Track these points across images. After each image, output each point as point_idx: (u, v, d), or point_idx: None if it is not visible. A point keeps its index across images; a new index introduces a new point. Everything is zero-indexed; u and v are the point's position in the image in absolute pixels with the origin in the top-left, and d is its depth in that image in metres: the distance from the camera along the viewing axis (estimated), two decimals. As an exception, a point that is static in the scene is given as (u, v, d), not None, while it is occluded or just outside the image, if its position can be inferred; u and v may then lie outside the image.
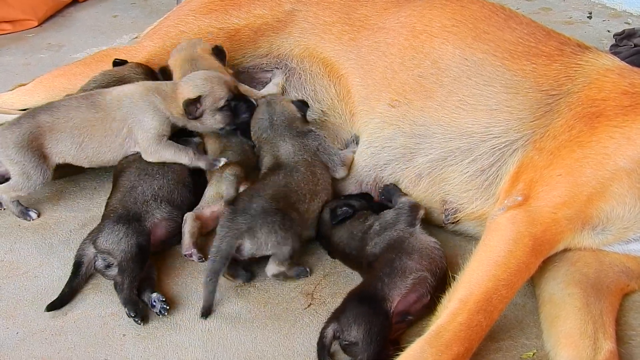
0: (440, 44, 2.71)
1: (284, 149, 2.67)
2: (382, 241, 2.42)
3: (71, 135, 2.68)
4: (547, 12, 4.86)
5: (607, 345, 2.15)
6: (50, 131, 2.67)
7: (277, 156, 2.66)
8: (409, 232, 2.44)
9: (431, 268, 2.31)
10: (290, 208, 2.50)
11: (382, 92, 2.75)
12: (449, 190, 2.60)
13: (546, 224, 2.22)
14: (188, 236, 2.55)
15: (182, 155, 2.68)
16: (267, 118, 2.74)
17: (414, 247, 2.36)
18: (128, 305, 2.31)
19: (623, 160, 2.25)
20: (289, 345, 2.26)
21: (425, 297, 2.28)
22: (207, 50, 2.94)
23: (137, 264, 2.38)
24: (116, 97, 2.71)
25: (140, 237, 2.44)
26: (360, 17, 2.94)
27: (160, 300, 2.35)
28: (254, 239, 2.40)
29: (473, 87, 2.60)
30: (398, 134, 2.68)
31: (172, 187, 2.65)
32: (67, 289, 2.40)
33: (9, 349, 2.24)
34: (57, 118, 2.68)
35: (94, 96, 2.75)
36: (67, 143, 2.69)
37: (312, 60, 2.97)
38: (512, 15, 2.77)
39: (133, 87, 2.75)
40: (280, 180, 2.56)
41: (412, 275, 2.27)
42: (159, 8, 4.89)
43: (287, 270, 2.48)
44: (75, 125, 2.69)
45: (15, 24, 4.58)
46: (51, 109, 2.71)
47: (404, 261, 2.30)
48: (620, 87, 2.42)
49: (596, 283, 2.32)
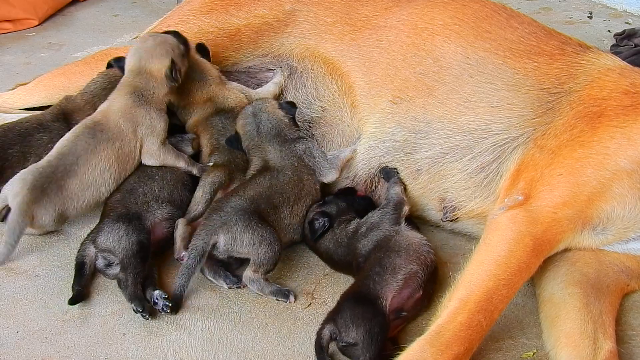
0: (442, 42, 2.71)
1: (272, 154, 2.67)
2: (370, 242, 2.43)
3: (103, 179, 2.58)
4: (547, 12, 4.87)
5: (607, 345, 2.15)
6: (80, 188, 2.56)
7: (266, 160, 2.66)
8: (395, 230, 2.44)
9: (420, 262, 2.32)
10: (270, 211, 2.49)
11: (384, 89, 2.75)
12: (448, 187, 2.60)
13: (547, 223, 2.22)
14: (179, 240, 2.54)
15: (180, 160, 2.70)
16: (254, 128, 2.73)
17: (400, 245, 2.37)
18: (135, 301, 2.31)
19: (624, 161, 2.25)
20: (289, 345, 2.25)
21: (417, 291, 2.29)
22: (192, 49, 2.94)
23: (140, 260, 2.38)
24: (116, 119, 2.64)
25: (141, 235, 2.44)
26: (361, 16, 2.94)
27: (162, 297, 2.34)
28: (228, 234, 2.39)
29: (474, 84, 2.60)
30: (399, 129, 2.68)
31: (172, 188, 2.65)
32: (78, 287, 2.39)
33: (9, 348, 2.24)
34: (83, 173, 2.55)
35: (97, 129, 2.61)
36: (105, 185, 2.60)
37: (313, 60, 2.97)
38: (514, 15, 2.77)
39: (121, 100, 2.68)
40: (265, 181, 2.56)
41: (402, 271, 2.27)
42: (160, 7, 4.89)
43: (263, 281, 2.42)
44: (102, 169, 2.58)
45: (15, 23, 4.58)
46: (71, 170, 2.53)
47: (392, 258, 2.31)
48: (622, 87, 2.43)
49: (596, 283, 2.32)
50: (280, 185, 2.56)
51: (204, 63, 2.93)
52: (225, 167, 2.70)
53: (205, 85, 2.89)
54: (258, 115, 2.76)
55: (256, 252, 2.40)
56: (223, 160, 2.73)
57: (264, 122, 2.74)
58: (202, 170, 2.70)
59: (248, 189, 2.53)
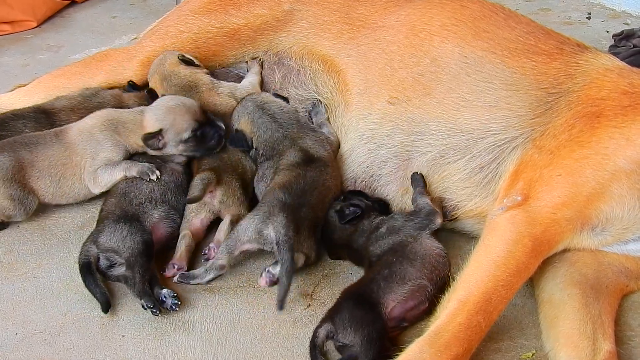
0: (439, 42, 2.71)
1: (310, 142, 2.66)
2: (386, 244, 2.40)
3: (49, 174, 2.68)
4: (546, 12, 4.86)
5: (606, 346, 2.15)
6: (31, 168, 2.66)
7: (304, 148, 2.64)
8: (413, 236, 2.39)
9: (432, 277, 2.27)
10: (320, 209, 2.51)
11: (382, 89, 2.75)
12: (447, 188, 2.59)
13: (546, 224, 2.22)
14: (185, 251, 2.54)
15: (118, 172, 2.65)
16: (269, 120, 2.72)
17: (417, 253, 2.32)
18: (144, 298, 2.31)
19: (622, 161, 2.25)
20: (288, 346, 2.25)
21: (423, 304, 2.26)
22: (175, 63, 2.95)
23: (145, 259, 2.38)
24: (77, 132, 2.72)
25: (145, 234, 2.45)
26: (359, 16, 2.94)
27: (171, 296, 2.34)
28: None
29: (472, 84, 2.60)
30: (396, 130, 2.68)
31: (164, 189, 2.64)
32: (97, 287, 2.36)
33: (8, 349, 2.24)
34: (35, 156, 2.67)
35: (62, 133, 2.73)
36: (47, 181, 2.68)
37: (311, 58, 2.98)
38: (512, 15, 2.78)
39: (94, 119, 2.73)
40: (320, 180, 2.54)
41: (410, 282, 2.24)
42: (158, 9, 4.88)
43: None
44: (51, 164, 2.68)
45: (14, 24, 4.58)
46: (29, 144, 2.69)
47: (404, 266, 2.27)
48: (620, 87, 2.42)
49: (595, 284, 2.32)
50: (331, 181, 2.58)
51: (192, 74, 2.93)
52: (213, 170, 2.67)
53: (196, 95, 2.89)
54: (266, 107, 2.75)
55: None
56: (212, 165, 2.71)
57: (278, 113, 2.73)
58: (146, 169, 2.62)
59: (311, 193, 2.50)
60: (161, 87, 2.95)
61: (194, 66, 2.98)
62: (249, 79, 3.02)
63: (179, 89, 2.91)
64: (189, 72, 2.93)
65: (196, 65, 2.99)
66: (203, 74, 2.95)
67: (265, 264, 2.54)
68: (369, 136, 2.73)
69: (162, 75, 2.95)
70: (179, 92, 2.88)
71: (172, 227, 2.60)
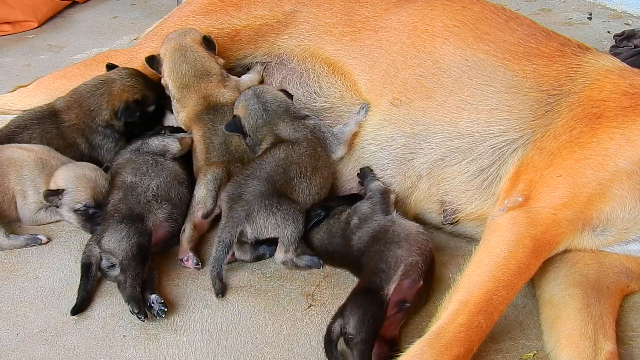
0: (441, 44, 2.72)
1: (284, 129, 2.69)
2: (365, 234, 2.42)
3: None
4: (547, 13, 4.87)
5: (607, 346, 2.15)
6: None
7: (278, 134, 2.67)
8: (390, 220, 2.44)
9: (420, 252, 2.32)
10: (288, 184, 2.52)
11: (385, 90, 2.75)
12: (448, 191, 2.59)
13: (546, 225, 2.22)
14: (185, 243, 2.57)
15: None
16: (260, 107, 2.74)
17: (399, 235, 2.36)
18: (131, 303, 2.31)
19: (623, 162, 2.25)
20: (289, 347, 2.25)
21: (417, 282, 2.28)
22: (197, 40, 2.95)
23: (138, 263, 2.38)
24: (7, 160, 2.74)
25: (141, 237, 2.44)
26: (361, 17, 2.94)
27: (158, 302, 2.34)
28: (253, 224, 2.45)
29: (474, 86, 2.60)
30: (399, 133, 2.68)
31: (169, 185, 2.65)
32: (84, 292, 2.39)
33: (9, 350, 2.24)
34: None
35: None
36: None
37: (314, 60, 2.97)
38: (513, 17, 2.77)
39: (27, 154, 2.76)
40: (280, 153, 2.58)
41: (403, 262, 2.27)
42: (159, 9, 4.89)
43: (295, 258, 2.50)
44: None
45: (15, 25, 4.59)
46: None
47: (393, 251, 2.30)
48: (621, 88, 2.43)
49: (596, 284, 2.32)
50: (296, 156, 2.58)
51: (209, 59, 2.93)
52: (222, 163, 2.70)
53: (206, 82, 2.89)
54: (262, 96, 2.77)
55: (283, 234, 2.47)
56: (220, 159, 2.73)
57: (270, 102, 2.75)
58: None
59: (263, 166, 2.55)
60: (171, 58, 2.91)
61: (213, 52, 2.97)
62: (249, 75, 3.03)
63: (189, 67, 2.89)
64: (207, 56, 2.93)
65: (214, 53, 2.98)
66: (217, 64, 2.95)
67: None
68: (372, 137, 2.74)
69: (179, 46, 2.92)
70: (188, 69, 2.88)
71: (173, 228, 2.61)
